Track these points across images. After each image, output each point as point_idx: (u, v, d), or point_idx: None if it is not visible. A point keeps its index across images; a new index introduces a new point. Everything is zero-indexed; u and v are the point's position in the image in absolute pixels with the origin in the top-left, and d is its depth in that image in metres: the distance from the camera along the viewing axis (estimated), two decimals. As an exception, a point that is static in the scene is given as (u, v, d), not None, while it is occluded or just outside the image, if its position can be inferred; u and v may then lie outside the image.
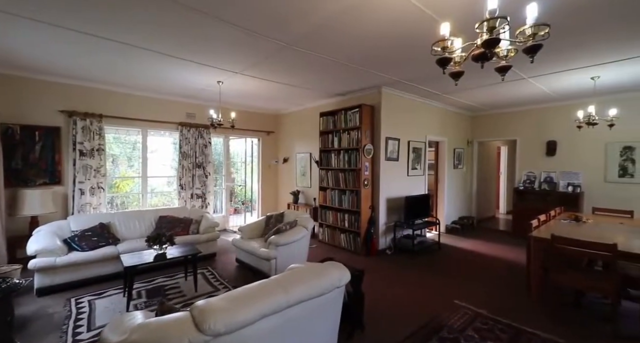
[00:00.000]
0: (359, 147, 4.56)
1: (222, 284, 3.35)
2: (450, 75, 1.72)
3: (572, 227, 3.48)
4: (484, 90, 4.78)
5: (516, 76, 3.95)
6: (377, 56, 3.29)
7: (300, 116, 6.29)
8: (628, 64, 3.43)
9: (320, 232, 5.30)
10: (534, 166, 5.91)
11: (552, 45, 2.92)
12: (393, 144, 4.91)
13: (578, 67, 3.56)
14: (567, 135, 5.44)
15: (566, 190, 5.34)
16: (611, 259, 2.46)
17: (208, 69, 3.73)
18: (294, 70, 3.79)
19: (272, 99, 5.50)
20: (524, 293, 3.24)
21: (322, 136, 5.27)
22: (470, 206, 6.93)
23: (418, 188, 5.47)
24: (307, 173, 6.12)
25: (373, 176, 4.75)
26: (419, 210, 4.94)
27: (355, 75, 4.00)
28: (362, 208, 4.55)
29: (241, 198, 8.94)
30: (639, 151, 4.72)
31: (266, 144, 6.82)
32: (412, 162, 5.33)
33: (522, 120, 6.06)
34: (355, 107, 4.65)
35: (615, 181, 4.95)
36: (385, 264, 4.16)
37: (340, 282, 1.95)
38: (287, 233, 3.55)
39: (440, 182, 6.21)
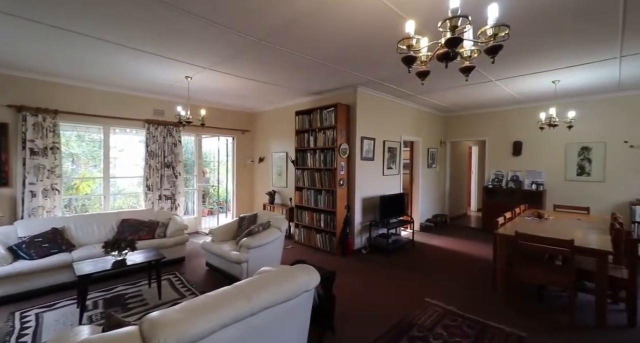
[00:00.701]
0: (335, 146, 4.53)
1: (189, 290, 3.19)
2: (416, 74, 1.70)
3: (535, 223, 3.65)
4: (455, 92, 4.91)
5: (484, 78, 4.09)
6: (349, 55, 3.26)
7: (277, 115, 6.17)
8: (584, 69, 3.64)
9: (297, 232, 5.23)
10: (501, 165, 6.17)
11: (516, 49, 3.03)
12: (369, 144, 4.93)
13: (540, 71, 3.73)
14: (532, 136, 5.73)
15: (530, 188, 5.63)
16: (568, 254, 2.59)
17: (174, 63, 3.53)
18: (267, 68, 3.68)
19: (246, 96, 5.34)
20: (490, 288, 3.35)
21: (298, 135, 5.19)
22: (443, 204, 7.14)
23: (393, 187, 5.54)
24: (283, 173, 6.01)
25: (349, 176, 4.74)
26: (394, 209, 4.99)
27: (330, 74, 3.96)
28: (337, 208, 4.52)
29: (216, 199, 8.68)
30: (595, 151, 5.06)
31: (241, 143, 6.63)
32: (387, 162, 5.39)
33: (491, 122, 6.31)
34: (330, 106, 4.61)
35: (574, 179, 5.28)
36: (360, 264, 4.16)
37: (309, 286, 1.89)
38: (260, 235, 3.44)
39: (415, 181, 6.34)
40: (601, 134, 4.97)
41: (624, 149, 4.75)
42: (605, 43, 2.91)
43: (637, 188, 4.63)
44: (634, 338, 2.42)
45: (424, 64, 1.68)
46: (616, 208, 4.76)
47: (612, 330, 2.53)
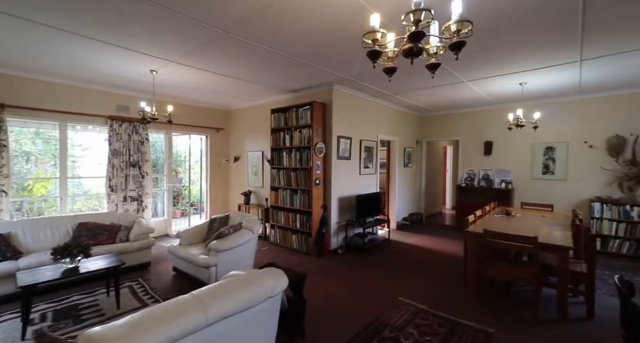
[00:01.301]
0: (311, 145, 4.45)
1: (153, 298, 2.99)
2: (383, 70, 1.65)
3: (503, 220, 3.76)
4: (429, 92, 4.98)
5: (456, 79, 4.16)
6: (320, 51, 3.18)
7: (252, 112, 5.99)
8: (548, 71, 3.79)
9: (272, 233, 5.10)
10: (474, 165, 6.36)
11: (484, 51, 3.09)
12: (345, 143, 4.89)
13: (507, 73, 3.85)
14: (501, 136, 5.94)
15: (500, 186, 5.83)
16: (533, 251, 2.67)
17: (138, 55, 3.29)
18: (237, 62, 3.53)
19: (219, 93, 5.13)
20: (461, 285, 3.41)
21: (274, 134, 5.06)
22: (419, 203, 7.27)
23: (370, 186, 5.54)
24: (259, 172, 5.86)
25: (325, 175, 4.68)
26: (371, 209, 4.99)
27: (304, 71, 3.87)
28: (313, 208, 4.45)
29: (189, 200, 8.34)
30: (558, 151, 5.32)
31: (215, 142, 6.39)
32: (364, 161, 5.38)
33: (464, 122, 6.49)
34: (306, 105, 4.52)
35: (539, 178, 5.53)
36: (336, 264, 4.11)
37: (274, 291, 1.79)
38: (230, 237, 3.29)
39: (392, 180, 6.39)
40: (564, 134, 5.24)
41: (584, 149, 5.03)
42: (567, 47, 3.03)
43: (595, 186, 4.91)
44: (593, 329, 2.53)
45: (391, 60, 1.64)
46: (577, 205, 5.03)
47: (573, 323, 2.64)
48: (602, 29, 2.63)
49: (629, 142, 4.62)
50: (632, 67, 3.54)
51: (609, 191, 4.77)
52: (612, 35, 2.74)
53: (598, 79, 4.06)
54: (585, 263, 2.94)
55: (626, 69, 3.62)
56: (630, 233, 4.41)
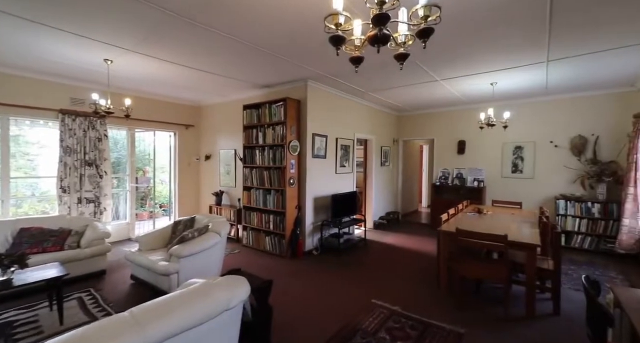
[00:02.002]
0: (284, 143, 4.28)
1: (104, 310, 2.70)
2: (350, 60, 1.53)
3: (475, 219, 3.79)
4: (405, 90, 4.96)
5: (430, 78, 4.15)
6: (294, 44, 3.02)
7: (225, 109, 5.71)
8: (517, 71, 3.86)
9: (245, 235, 4.87)
10: (448, 163, 6.46)
11: (455, 49, 3.06)
12: (320, 141, 4.76)
13: (479, 72, 3.88)
14: (474, 135, 6.07)
15: (473, 185, 5.96)
16: (503, 249, 2.67)
17: (89, 42, 2.97)
18: (200, 53, 3.28)
19: (186, 87, 4.82)
20: (435, 284, 3.39)
21: (246, 131, 4.83)
22: (396, 202, 7.30)
23: (346, 186, 5.45)
24: (231, 171, 5.59)
25: (299, 174, 4.52)
26: (347, 208, 4.90)
27: (277, 65, 3.69)
28: (287, 208, 4.28)
29: (156, 201, 7.88)
30: (526, 150, 5.50)
31: (185, 139, 6.04)
32: (340, 160, 5.28)
33: (439, 121, 6.57)
34: (279, 101, 4.34)
35: (509, 176, 5.70)
36: (310, 266, 3.97)
37: (231, 303, 1.61)
38: (194, 241, 3.05)
39: (369, 179, 6.35)
40: (531, 134, 5.42)
41: (550, 148, 5.23)
42: (535, 48, 3.07)
43: (560, 184, 5.12)
44: (559, 326, 2.56)
45: (357, 50, 1.51)
46: (544, 202, 5.22)
47: (540, 319, 2.67)
48: (569, 30, 2.67)
49: (590, 142, 4.85)
50: (594, 68, 3.67)
51: (572, 189, 4.98)
52: (579, 36, 2.80)
53: (563, 80, 4.19)
54: (551, 260, 3.00)
55: (589, 70, 3.75)
56: (592, 229, 4.62)
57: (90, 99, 3.32)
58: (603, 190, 4.56)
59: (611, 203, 4.47)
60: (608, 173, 4.48)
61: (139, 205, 7.52)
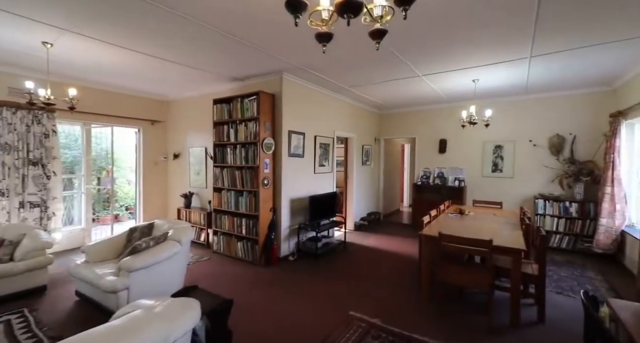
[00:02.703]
0: (258, 140, 3.94)
1: (35, 337, 2.27)
2: (316, 37, 1.24)
3: (457, 220, 3.64)
4: (386, 87, 4.76)
5: (411, 73, 3.96)
6: (264, 30, 2.71)
7: (195, 103, 5.28)
8: (499, 68, 3.74)
9: (215, 240, 4.49)
10: (429, 163, 6.35)
11: (441, 43, 2.86)
12: (297, 139, 4.46)
13: (462, 67, 3.72)
14: (455, 134, 5.98)
15: (454, 184, 5.87)
16: (487, 254, 2.49)
17: (19, 20, 2.51)
18: (157, 37, 2.89)
19: (152, 79, 4.37)
20: (417, 290, 3.20)
21: (217, 127, 4.44)
22: (377, 202, 7.13)
23: (326, 186, 5.19)
24: (202, 171, 5.18)
25: (274, 174, 4.21)
26: (325, 210, 4.64)
27: (248, 55, 3.36)
28: (261, 211, 3.96)
29: (125, 203, 7.30)
30: (506, 149, 5.47)
31: (151, 136, 5.55)
32: (319, 159, 5.01)
33: (420, 120, 6.45)
34: (252, 95, 4.00)
35: (489, 176, 5.65)
36: (284, 274, 3.68)
37: (169, 338, 1.30)
38: (148, 252, 2.67)
39: (350, 179, 6.12)
40: (511, 133, 5.38)
41: (529, 147, 5.21)
42: (519, 42, 2.94)
43: (539, 184, 5.11)
44: (545, 335, 2.42)
45: (325, 24, 1.23)
46: (524, 202, 5.19)
47: (526, 328, 2.52)
48: (556, 23, 2.54)
49: (567, 141, 4.85)
50: (575, 66, 3.60)
51: (551, 188, 4.97)
52: (564, 30, 2.68)
53: (543, 78, 4.13)
54: (535, 264, 2.88)
55: (569, 68, 3.69)
56: (569, 228, 4.62)
57: (25, 87, 2.83)
58: (580, 189, 4.57)
59: (588, 203, 4.49)
60: (585, 173, 4.48)
61: (101, 208, 6.93)
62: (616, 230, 3.91)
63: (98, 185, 7.05)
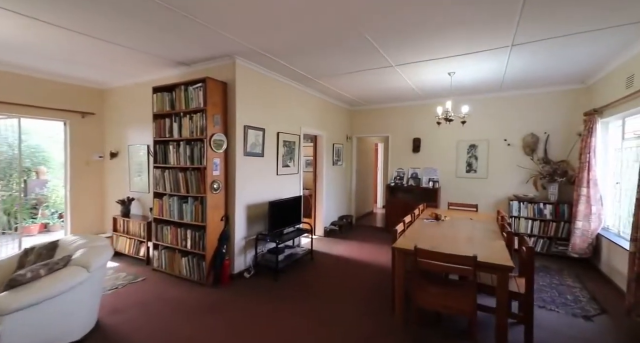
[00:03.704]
0: (205, 137, 3.30)
1: None
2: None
3: (434, 227, 3.25)
4: (357, 79, 4.29)
5: (384, 62, 3.52)
6: (212, 3, 2.10)
7: (135, 92, 4.48)
8: (477, 58, 3.40)
9: (155, 256, 3.77)
10: (403, 163, 6.02)
11: (416, 25, 2.42)
12: (256, 135, 3.86)
13: (438, 57, 3.34)
14: (429, 133, 5.69)
15: (428, 185, 5.57)
16: (471, 273, 2.08)
17: None
18: (81, 8, 2.19)
19: (78, 62, 3.57)
20: (389, 311, 2.76)
21: (157, 121, 3.73)
22: (349, 204, 6.69)
23: (291, 189, 4.63)
24: (144, 173, 4.41)
25: (227, 177, 3.58)
26: (290, 217, 4.09)
27: (193, 32, 2.73)
28: (209, 220, 3.32)
29: (59, 210, 6.24)
30: (480, 149, 5.24)
31: (81, 131, 4.65)
32: (283, 159, 4.44)
33: (394, 117, 6.09)
34: (198, 82, 3.35)
35: (463, 176, 5.41)
36: (236, 296, 3.08)
37: None
38: (33, 286, 1.96)
39: (319, 180, 5.62)
40: (485, 132, 5.17)
41: (504, 147, 5.01)
42: (502, 28, 2.59)
43: (513, 185, 4.92)
44: (536, 368, 2.06)
45: None
46: (498, 204, 5.00)
47: (513, 358, 2.15)
48: (542, 8, 2.21)
49: (541, 141, 4.70)
50: (554, 57, 3.33)
51: (525, 189, 4.80)
52: (549, 16, 2.36)
53: (520, 72, 3.88)
54: (520, 278, 2.54)
55: (547, 61, 3.43)
56: (544, 231, 4.46)
57: None
58: (555, 190, 4.42)
59: (562, 204, 4.33)
60: (560, 173, 4.32)
61: (27, 216, 5.85)
62: (592, 233, 3.75)
63: (24, 188, 5.96)
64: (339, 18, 2.45)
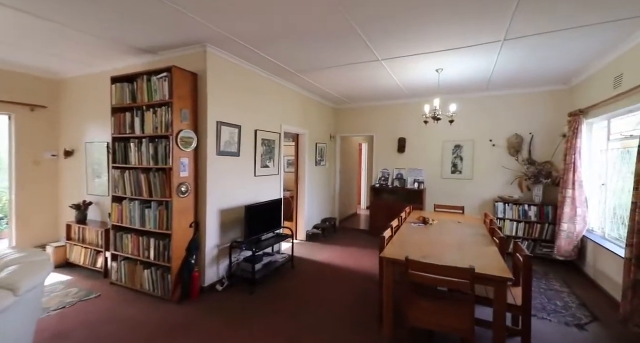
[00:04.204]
0: (171, 133, 2.92)
1: None
2: None
3: (422, 232, 3.05)
4: (340, 74, 4.04)
5: (370, 56, 3.28)
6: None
7: (93, 83, 3.99)
8: (467, 54, 3.24)
9: (114, 268, 3.33)
10: (388, 163, 5.85)
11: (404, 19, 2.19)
12: (230, 133, 3.51)
13: (426, 51, 3.15)
14: (414, 133, 5.55)
15: (413, 186, 5.42)
16: (468, 287, 1.87)
17: None
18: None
19: (25, 47, 3.06)
20: (377, 325, 2.51)
21: (116, 115, 3.29)
22: (333, 206, 6.44)
23: (271, 191, 4.31)
24: (104, 173, 3.93)
25: (197, 178, 3.21)
26: (268, 221, 3.77)
27: (158, 14, 2.34)
28: (175, 228, 2.94)
29: (5, 215, 5.55)
30: (465, 149, 5.15)
31: (30, 126, 4.10)
32: (262, 158, 4.11)
33: (379, 116, 5.91)
34: (163, 71, 2.96)
35: (448, 177, 5.29)
36: (205, 313, 2.72)
37: None
38: None
39: (301, 181, 5.32)
40: (471, 132, 5.07)
41: (489, 148, 4.94)
42: (496, 21, 2.41)
43: (498, 186, 4.85)
44: (536, 390, 1.88)
45: None
46: (484, 205, 4.92)
47: (511, 378, 1.96)
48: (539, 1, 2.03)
49: (525, 141, 4.65)
50: (545, 54, 3.23)
51: (510, 190, 4.74)
52: (551, 6, 2.19)
53: (507, 71, 3.77)
54: (515, 287, 2.38)
55: (538, 57, 3.31)
56: (528, 232, 4.40)
57: None
58: (539, 192, 4.37)
59: (546, 206, 4.29)
60: (545, 174, 4.28)
61: (-32, 223, 5.14)
62: (577, 235, 3.70)
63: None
64: (322, 0, 2.17)
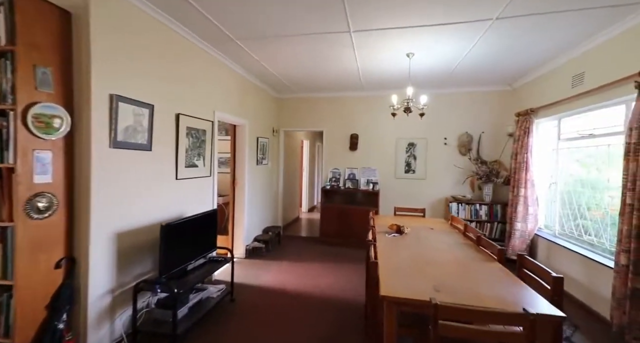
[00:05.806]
0: (12, 107, 1.62)
1: None
2: None
3: (405, 245, 2.49)
4: (296, 50, 3.21)
5: (342, 25, 2.56)
6: None
7: None
8: (446, 34, 2.83)
9: None
10: (339, 162, 5.28)
11: None
12: (136, 115, 2.31)
13: (404, 26, 2.60)
14: (368, 129, 5.11)
15: (367, 187, 4.98)
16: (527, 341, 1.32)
17: None
18: None
19: None
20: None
21: None
22: (276, 212, 5.54)
23: (201, 200, 3.19)
24: None
25: (70, 185, 1.94)
26: (198, 243, 2.69)
27: None
28: (22, 273, 1.67)
29: None
30: (419, 148, 4.94)
31: None
32: (188, 155, 2.96)
33: (330, 110, 5.28)
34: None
35: (402, 177, 5.02)
36: None
37: None
38: None
39: (239, 184, 4.27)
40: (424, 130, 4.89)
41: (441, 146, 4.83)
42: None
43: (450, 185, 4.78)
44: None
45: None
46: (437, 205, 4.78)
47: None
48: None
49: (475, 140, 4.67)
50: (529, 40, 3.04)
51: (463, 190, 4.70)
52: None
53: (477, 62, 3.50)
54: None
55: (522, 42, 3.05)
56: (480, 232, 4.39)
57: None
58: (489, 191, 4.41)
59: (496, 205, 4.35)
60: (496, 174, 4.32)
61: None
62: (529, 234, 3.76)
63: None
64: None
